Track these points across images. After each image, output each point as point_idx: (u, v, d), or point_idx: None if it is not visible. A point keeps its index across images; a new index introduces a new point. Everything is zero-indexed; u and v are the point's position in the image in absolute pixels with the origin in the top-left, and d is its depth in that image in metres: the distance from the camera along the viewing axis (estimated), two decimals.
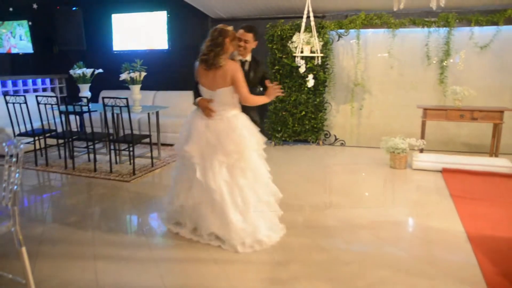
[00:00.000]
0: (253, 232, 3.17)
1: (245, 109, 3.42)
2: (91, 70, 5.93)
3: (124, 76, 5.57)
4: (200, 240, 3.26)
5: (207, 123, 3.26)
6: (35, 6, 7.30)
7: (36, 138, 5.65)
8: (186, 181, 3.34)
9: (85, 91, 5.96)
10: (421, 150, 5.52)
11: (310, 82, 6.19)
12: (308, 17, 5.10)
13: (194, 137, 3.27)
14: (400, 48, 6.24)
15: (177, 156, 3.56)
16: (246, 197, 3.19)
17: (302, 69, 6.12)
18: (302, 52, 5.68)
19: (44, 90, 7.66)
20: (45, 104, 5.36)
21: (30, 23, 7.27)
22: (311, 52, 5.82)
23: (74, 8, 7.46)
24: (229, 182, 3.19)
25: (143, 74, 5.67)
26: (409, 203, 4.23)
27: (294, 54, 5.98)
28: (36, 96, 5.43)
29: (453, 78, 6.07)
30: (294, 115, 6.59)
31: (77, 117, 6.53)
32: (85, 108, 5.30)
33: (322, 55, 5.67)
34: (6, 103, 5.51)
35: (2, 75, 6.94)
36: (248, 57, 3.59)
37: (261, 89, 3.63)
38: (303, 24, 5.25)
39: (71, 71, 5.87)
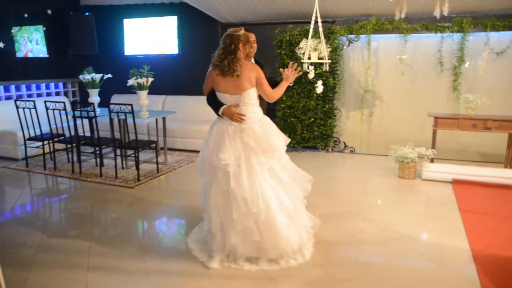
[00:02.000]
0: (299, 238, 3.09)
1: None
2: (100, 75, 5.97)
3: (131, 81, 5.58)
4: (231, 265, 3.07)
5: (241, 128, 3.07)
6: (49, 12, 7.43)
7: (45, 142, 5.73)
8: (221, 195, 3.07)
9: (94, 96, 6.00)
10: (432, 160, 5.34)
11: (319, 88, 6.01)
12: (316, 22, 5.00)
13: (227, 144, 3.04)
14: (412, 54, 6.08)
15: (203, 171, 3.23)
16: (291, 196, 3.11)
17: (311, 75, 6.00)
18: (309, 58, 5.57)
19: (57, 94, 7.78)
20: (53, 109, 5.43)
21: (44, 28, 7.39)
22: (319, 58, 5.70)
23: (86, 14, 7.56)
24: (273, 185, 3.04)
25: (150, 79, 5.68)
26: (414, 217, 4.07)
27: (301, 61, 5.87)
28: (45, 101, 5.50)
29: (467, 85, 5.87)
30: (303, 122, 6.49)
31: (86, 121, 6.59)
32: (92, 114, 5.33)
33: (329, 61, 5.55)
34: (17, 108, 5.61)
35: (17, 79, 7.08)
36: (252, 60, 3.52)
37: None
38: (311, 30, 5.14)
39: (81, 76, 5.92)
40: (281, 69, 3.35)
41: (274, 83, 3.33)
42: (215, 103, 3.19)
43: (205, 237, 3.40)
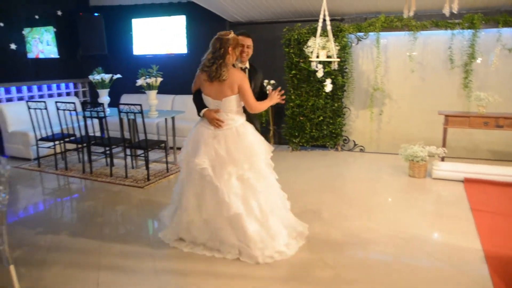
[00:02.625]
0: (271, 241, 3.14)
1: (248, 117, 3.36)
2: (110, 75, 6.02)
3: (140, 82, 5.62)
4: (215, 254, 3.19)
5: (215, 134, 3.18)
6: (59, 13, 7.50)
7: (57, 142, 5.79)
8: (194, 196, 3.23)
9: (104, 96, 6.04)
10: (442, 158, 5.28)
11: (328, 87, 6.05)
12: (324, 20, 4.98)
13: (202, 148, 3.16)
14: (422, 51, 6.01)
15: (181, 169, 3.42)
16: (261, 206, 3.14)
17: (319, 74, 5.99)
18: (318, 57, 5.55)
19: (68, 94, 7.86)
20: (64, 109, 5.49)
21: (55, 29, 7.47)
22: (327, 56, 5.68)
23: (96, 14, 7.62)
24: (241, 194, 3.12)
25: (159, 79, 5.71)
26: (425, 216, 4.03)
27: (310, 59, 5.86)
28: (56, 102, 5.57)
29: (478, 82, 5.79)
30: (312, 120, 6.47)
31: (96, 121, 6.66)
32: (102, 114, 5.38)
33: (338, 59, 5.52)
34: (29, 108, 5.69)
35: (29, 80, 7.17)
36: (247, 64, 3.52)
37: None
38: (319, 28, 5.13)
39: (90, 77, 5.97)
40: (269, 88, 3.37)
41: (264, 95, 3.42)
42: (198, 104, 3.29)
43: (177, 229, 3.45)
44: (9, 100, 6.83)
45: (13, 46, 6.79)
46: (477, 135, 5.95)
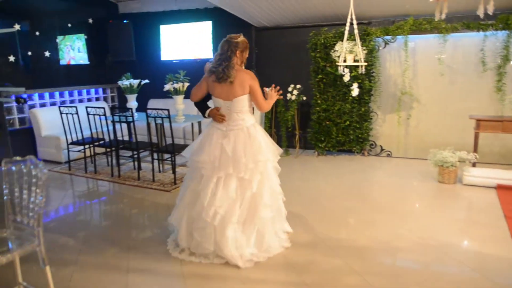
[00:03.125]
0: (248, 248, 3.18)
1: None
2: (138, 81, 6.14)
3: (167, 86, 5.71)
4: (202, 260, 3.22)
5: (226, 134, 3.19)
6: (90, 20, 7.74)
7: (86, 146, 5.96)
8: (190, 194, 3.30)
9: (132, 101, 6.17)
10: (474, 164, 5.12)
11: (355, 91, 5.97)
12: (351, 24, 4.93)
13: (206, 148, 3.20)
14: (452, 54, 5.86)
15: (188, 168, 3.48)
16: (249, 210, 3.17)
17: (346, 78, 5.93)
18: (345, 61, 5.50)
19: (97, 99, 8.08)
20: (93, 114, 5.64)
21: (86, 36, 7.71)
22: (355, 60, 5.62)
23: (125, 21, 7.81)
24: (234, 197, 3.14)
25: (186, 84, 5.79)
26: (456, 224, 3.91)
27: (337, 63, 5.80)
28: (86, 107, 5.73)
29: None
30: (338, 125, 6.40)
31: (125, 125, 6.80)
32: (130, 118, 5.50)
33: (365, 64, 5.45)
34: (61, 113, 5.87)
35: (61, 86, 7.41)
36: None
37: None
38: (346, 32, 5.09)
39: (119, 82, 6.10)
40: (265, 88, 3.38)
41: None
42: (202, 107, 3.36)
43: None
44: (43, 105, 7.07)
45: (47, 54, 7.04)
46: (511, 140, 5.74)
